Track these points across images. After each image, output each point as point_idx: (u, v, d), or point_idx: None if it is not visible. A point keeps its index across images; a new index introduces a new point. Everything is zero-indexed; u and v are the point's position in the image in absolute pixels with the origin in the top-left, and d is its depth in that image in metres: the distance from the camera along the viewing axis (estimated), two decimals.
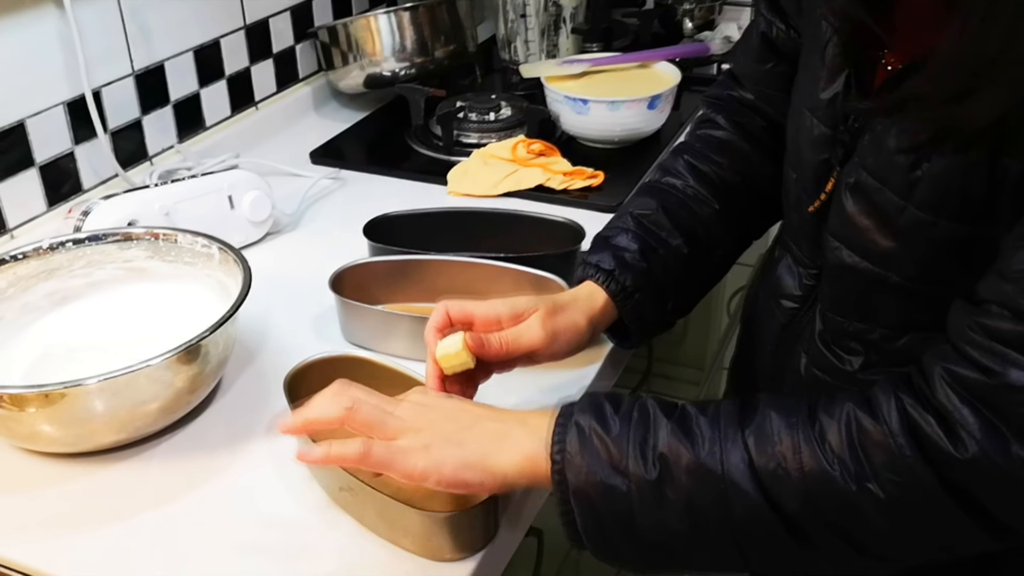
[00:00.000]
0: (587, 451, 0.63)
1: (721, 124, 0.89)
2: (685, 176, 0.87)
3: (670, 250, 0.83)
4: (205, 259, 0.93)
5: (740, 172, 0.87)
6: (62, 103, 1.11)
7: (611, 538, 0.64)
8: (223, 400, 0.89)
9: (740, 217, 0.88)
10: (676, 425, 0.63)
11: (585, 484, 0.63)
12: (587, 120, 1.30)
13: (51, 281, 0.94)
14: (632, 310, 0.82)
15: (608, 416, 0.64)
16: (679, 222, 0.84)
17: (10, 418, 0.76)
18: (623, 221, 0.86)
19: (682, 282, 0.85)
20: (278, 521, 0.75)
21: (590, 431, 0.64)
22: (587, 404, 0.66)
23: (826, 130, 0.71)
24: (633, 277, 0.81)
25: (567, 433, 0.64)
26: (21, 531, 0.75)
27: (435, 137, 1.38)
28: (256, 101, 1.41)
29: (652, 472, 0.62)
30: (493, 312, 0.76)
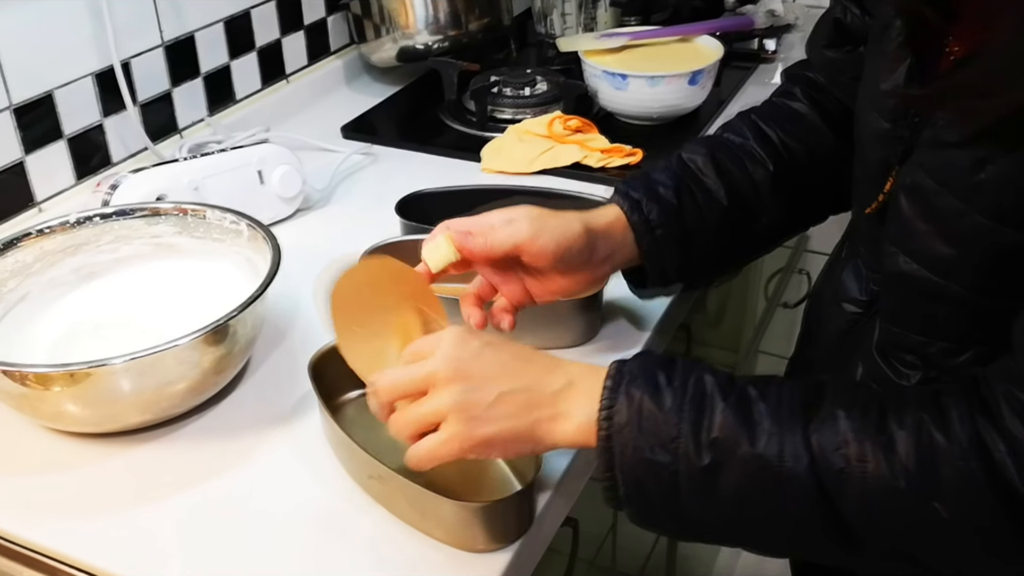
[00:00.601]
0: (637, 424, 0.60)
1: (798, 96, 0.85)
2: (746, 134, 0.83)
3: (708, 197, 0.80)
4: (234, 236, 0.91)
5: (808, 145, 0.83)
6: (91, 74, 1.09)
7: (653, 510, 0.62)
8: (251, 381, 0.87)
9: (796, 190, 0.83)
10: (734, 409, 0.59)
11: (632, 458, 0.60)
12: (626, 96, 1.26)
13: (78, 256, 0.92)
14: (651, 246, 0.78)
15: (662, 387, 0.60)
16: (725, 173, 0.80)
17: (35, 397, 0.75)
18: (668, 161, 0.82)
19: (714, 236, 0.80)
20: (306, 507, 0.73)
21: (641, 402, 0.60)
22: (639, 370, 0.62)
23: (886, 125, 0.66)
24: (660, 211, 0.77)
25: (616, 401, 0.61)
26: (46, 512, 0.73)
27: (468, 112, 1.34)
28: (287, 74, 1.38)
29: (705, 457, 0.58)
30: (486, 220, 0.74)
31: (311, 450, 0.78)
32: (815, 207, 0.87)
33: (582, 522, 0.84)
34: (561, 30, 1.56)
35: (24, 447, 0.79)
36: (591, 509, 0.85)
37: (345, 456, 0.75)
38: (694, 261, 0.80)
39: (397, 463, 0.74)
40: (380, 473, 0.70)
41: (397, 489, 0.70)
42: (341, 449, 0.75)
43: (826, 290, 0.81)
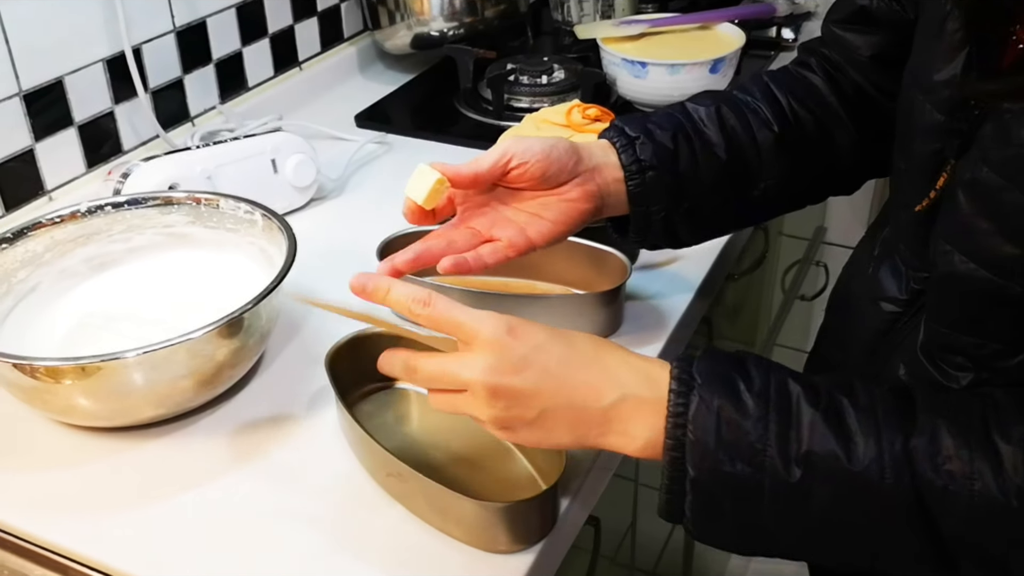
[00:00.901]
0: (715, 434, 0.55)
1: (813, 67, 0.81)
2: (755, 93, 0.80)
3: (707, 148, 0.76)
4: (248, 226, 0.89)
5: (818, 118, 0.79)
6: (101, 60, 1.07)
7: (722, 526, 0.58)
8: (265, 375, 0.85)
9: (799, 160, 0.79)
10: (825, 419, 0.55)
11: (708, 473, 0.56)
12: (645, 84, 1.23)
13: (89, 246, 0.90)
14: (639, 188, 0.74)
15: (742, 393, 0.56)
16: (728, 128, 0.77)
17: (45, 390, 0.73)
18: (671, 107, 0.79)
19: (707, 191, 0.76)
20: (321, 505, 0.71)
21: (720, 410, 0.55)
22: (712, 373, 0.57)
23: (940, 117, 0.63)
24: (653, 153, 0.74)
25: (688, 408, 0.56)
26: (57, 509, 0.72)
27: (484, 101, 1.32)
28: (300, 61, 1.36)
29: (794, 473, 0.54)
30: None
31: (327, 446, 0.77)
32: (815, 184, 0.83)
33: (605, 521, 0.82)
34: (578, 17, 1.53)
35: (34, 441, 0.78)
36: (611, 506, 0.83)
37: (363, 453, 0.73)
38: (681, 213, 0.77)
39: (417, 460, 0.73)
40: (399, 471, 0.68)
41: (417, 488, 0.68)
42: (359, 446, 0.74)
43: (856, 288, 0.78)
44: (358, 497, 0.72)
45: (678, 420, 0.56)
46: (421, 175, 0.70)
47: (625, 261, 0.88)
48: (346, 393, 0.77)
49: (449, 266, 0.70)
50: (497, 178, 0.72)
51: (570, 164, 0.72)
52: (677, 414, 0.56)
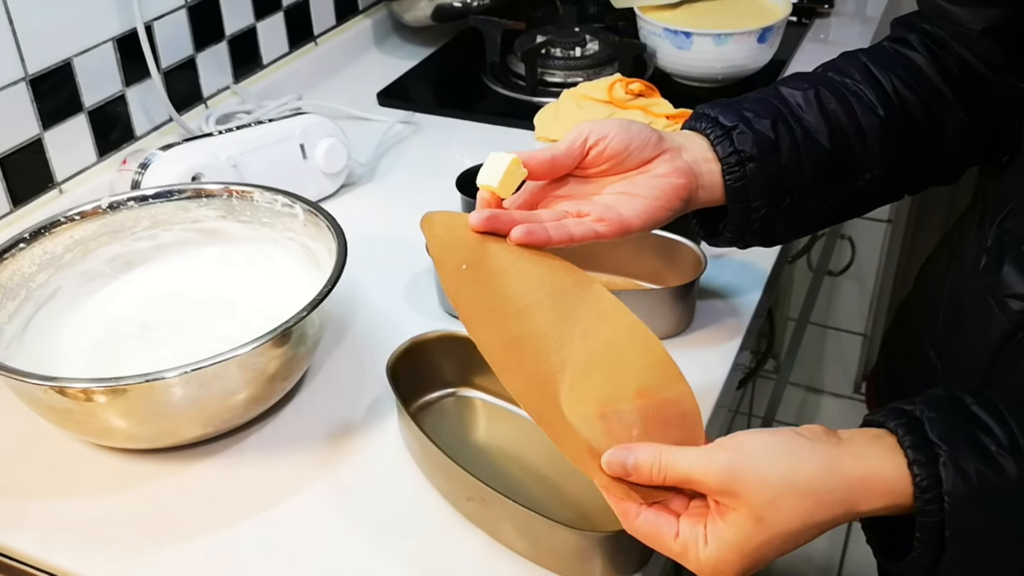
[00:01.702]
0: (977, 506, 0.49)
1: (913, 44, 0.73)
2: (855, 75, 0.72)
3: (808, 137, 0.68)
4: (287, 219, 0.82)
5: (923, 99, 0.71)
6: (111, 39, 0.98)
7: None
8: (314, 383, 0.78)
9: (907, 147, 0.72)
10: None
11: (968, 545, 0.50)
12: (689, 56, 1.16)
13: (113, 245, 0.82)
14: (738, 182, 0.67)
15: (994, 454, 0.50)
16: (830, 112, 0.69)
17: (81, 412, 0.66)
18: (764, 92, 0.71)
19: (810, 183, 0.69)
20: (395, 530, 0.65)
21: (979, 477, 0.49)
22: (953, 430, 0.51)
23: None
24: (753, 142, 0.66)
25: (942, 481, 0.49)
26: (99, 541, 0.65)
27: (514, 75, 1.24)
28: (315, 36, 1.28)
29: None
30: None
31: (393, 461, 0.70)
32: (920, 173, 0.75)
33: None
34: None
35: (69, 467, 0.71)
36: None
37: (438, 474, 0.67)
38: (782, 209, 0.69)
39: (491, 478, 0.66)
40: (483, 495, 0.62)
41: (504, 514, 0.62)
42: (433, 467, 0.67)
43: (966, 284, 0.71)
44: (436, 523, 0.65)
45: (929, 495, 0.50)
46: (493, 161, 0.63)
47: (699, 251, 0.81)
48: (406, 403, 0.71)
49: (522, 235, 0.62)
50: (577, 160, 0.64)
51: (652, 139, 0.65)
52: (927, 487, 0.50)
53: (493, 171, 0.63)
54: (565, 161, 0.64)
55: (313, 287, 0.77)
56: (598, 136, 0.64)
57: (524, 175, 0.63)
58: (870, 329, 1.99)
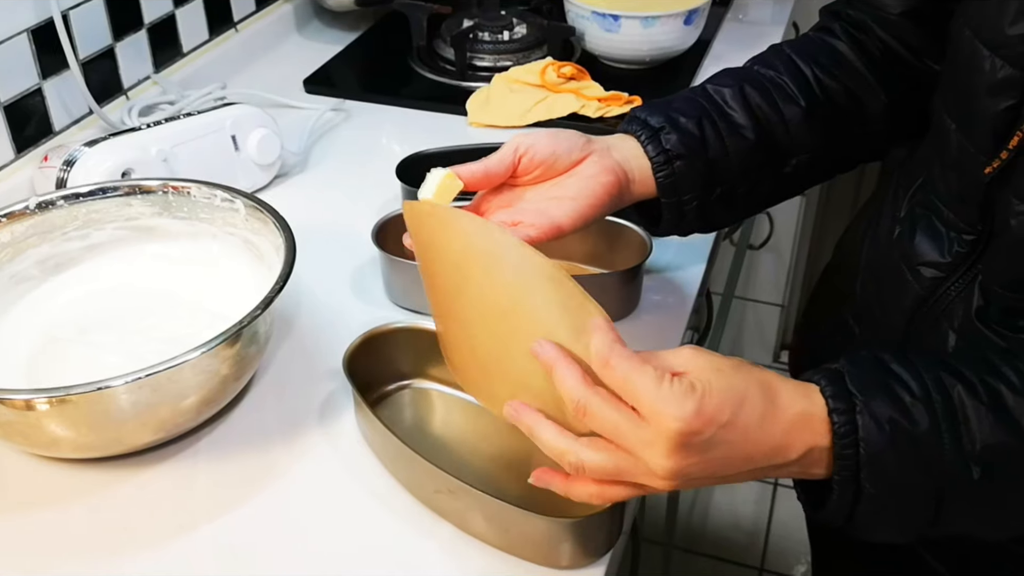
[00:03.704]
0: (891, 450, 0.52)
1: (836, 32, 0.77)
2: (778, 67, 0.76)
3: (732, 130, 0.73)
4: (227, 214, 0.80)
5: (846, 86, 0.76)
6: (26, 30, 0.94)
7: (887, 528, 0.56)
8: (264, 381, 0.77)
9: (830, 132, 0.76)
10: (993, 412, 0.53)
11: (886, 489, 0.53)
12: (617, 39, 1.17)
13: (43, 246, 0.79)
14: (668, 179, 0.71)
15: (907, 405, 0.53)
16: (753, 106, 0.74)
17: (24, 423, 0.63)
18: (691, 91, 0.76)
19: (738, 174, 0.74)
20: (360, 526, 0.64)
21: (891, 425, 0.53)
22: (871, 382, 0.54)
23: (1013, 72, 0.59)
24: (679, 141, 0.71)
25: (859, 427, 0.53)
26: (54, 555, 0.62)
27: (442, 60, 1.23)
28: (235, 22, 1.24)
29: (975, 471, 0.52)
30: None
31: (350, 456, 0.69)
32: (848, 154, 0.80)
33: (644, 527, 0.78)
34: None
35: (15, 480, 0.68)
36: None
37: (402, 468, 0.66)
38: (713, 201, 0.74)
39: (463, 471, 0.66)
40: (450, 487, 0.62)
41: (473, 504, 0.62)
42: (397, 461, 0.67)
43: (882, 254, 0.75)
44: (401, 517, 0.65)
45: (846, 440, 0.53)
46: (431, 177, 0.66)
47: (644, 235, 0.83)
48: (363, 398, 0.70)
49: None
50: (509, 170, 0.68)
51: (580, 142, 0.69)
52: (844, 434, 0.53)
53: (430, 186, 0.66)
54: (498, 171, 0.67)
55: (256, 282, 0.76)
56: (526, 146, 0.67)
57: (459, 187, 0.66)
58: (787, 300, 2.06)
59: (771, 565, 1.75)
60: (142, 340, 0.74)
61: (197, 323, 0.75)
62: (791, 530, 1.81)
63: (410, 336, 0.74)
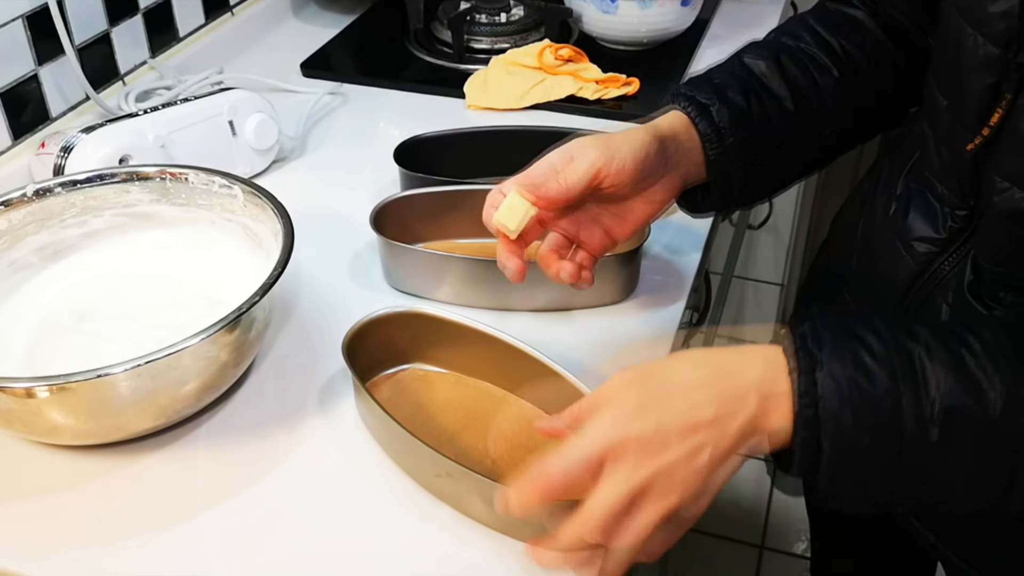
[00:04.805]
0: (848, 409, 0.52)
1: (854, 2, 0.78)
2: (806, 39, 0.76)
3: (775, 102, 0.73)
4: (225, 200, 0.80)
5: (868, 54, 0.76)
6: (21, 16, 0.93)
7: (851, 491, 0.55)
8: (264, 366, 0.77)
9: (858, 101, 0.77)
10: (953, 373, 0.53)
11: (845, 449, 0.53)
12: (614, 20, 1.16)
13: (41, 234, 0.79)
14: (720, 155, 0.70)
15: (867, 365, 0.53)
16: (791, 77, 0.74)
17: (25, 411, 0.64)
18: (728, 65, 0.75)
19: (778, 146, 0.74)
20: (360, 511, 0.65)
21: (850, 385, 0.52)
22: (833, 343, 0.54)
23: (995, 50, 0.60)
24: (729, 116, 0.70)
25: (818, 386, 0.53)
26: (56, 542, 0.63)
27: (439, 42, 1.23)
28: (231, 5, 1.24)
29: (932, 432, 0.52)
30: (545, 164, 0.66)
31: (350, 441, 0.70)
32: (871, 120, 0.81)
33: None
34: None
35: (16, 468, 0.68)
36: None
37: (402, 453, 0.67)
38: (757, 174, 0.74)
39: (463, 454, 0.67)
40: (450, 471, 0.62)
41: (472, 487, 0.62)
42: (397, 445, 0.67)
43: (878, 229, 0.75)
44: (400, 501, 0.65)
45: (806, 400, 0.53)
46: (512, 208, 0.65)
47: None
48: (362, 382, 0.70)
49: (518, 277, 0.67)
50: (587, 193, 0.66)
51: (660, 167, 0.68)
52: (804, 393, 0.53)
53: (511, 215, 0.65)
54: (577, 197, 0.66)
55: (255, 268, 0.76)
56: (609, 173, 0.65)
57: (534, 213, 0.66)
58: (787, 279, 2.06)
59: (771, 543, 1.76)
60: (141, 327, 0.74)
61: (196, 309, 0.75)
62: (791, 508, 1.82)
63: (408, 320, 0.74)
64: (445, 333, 0.74)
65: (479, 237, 0.87)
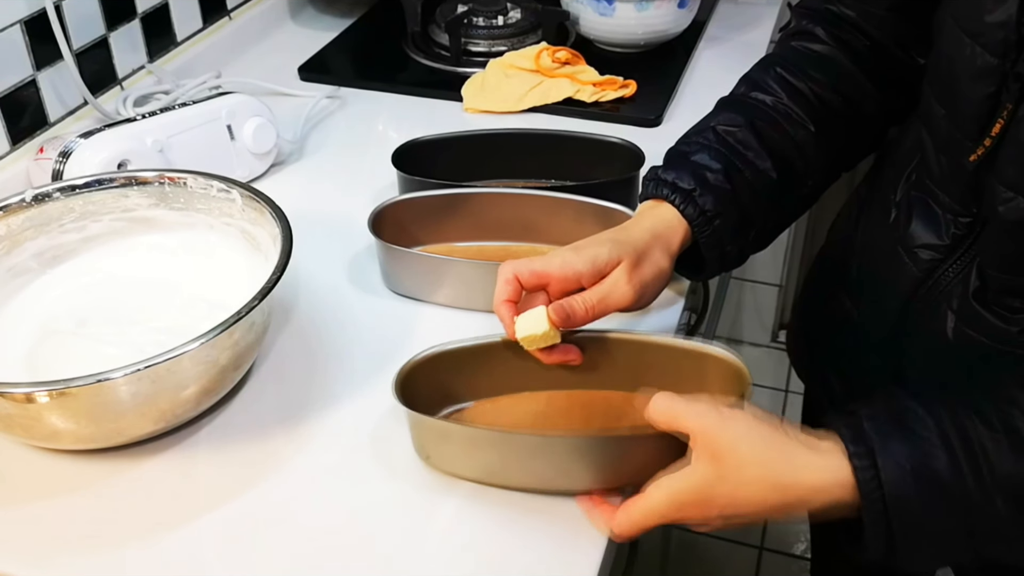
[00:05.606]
0: (914, 491, 0.54)
1: (820, 37, 0.77)
2: (777, 92, 0.76)
3: (757, 174, 0.73)
4: (223, 204, 0.80)
5: (840, 92, 0.76)
6: (19, 21, 0.94)
7: (928, 563, 0.58)
8: (263, 369, 0.77)
9: (837, 144, 0.77)
10: (1009, 440, 0.54)
11: (913, 529, 0.55)
12: (611, 22, 1.17)
13: (40, 239, 0.79)
14: (711, 237, 0.72)
15: (924, 442, 0.55)
16: (769, 143, 0.74)
17: (25, 416, 0.64)
18: (703, 136, 0.75)
19: (768, 211, 0.75)
20: (359, 513, 0.65)
21: (912, 464, 0.54)
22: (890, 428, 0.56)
23: (992, 60, 0.60)
24: (715, 200, 0.71)
25: (880, 471, 0.55)
26: (57, 546, 0.63)
27: (437, 45, 1.23)
28: (229, 10, 1.24)
29: (999, 503, 0.54)
30: (572, 271, 0.67)
31: (349, 444, 0.70)
32: (853, 155, 0.82)
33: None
34: None
35: (16, 472, 0.68)
36: None
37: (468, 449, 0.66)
38: (750, 240, 0.76)
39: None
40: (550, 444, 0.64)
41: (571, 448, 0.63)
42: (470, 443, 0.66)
43: (880, 236, 0.75)
44: (401, 505, 0.65)
45: (871, 485, 0.55)
46: (544, 337, 0.67)
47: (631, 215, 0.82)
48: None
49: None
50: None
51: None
52: (866, 479, 0.55)
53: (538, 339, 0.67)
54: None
55: (252, 271, 0.76)
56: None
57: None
58: (785, 280, 2.06)
59: (771, 544, 1.76)
60: (141, 331, 0.75)
61: (195, 313, 0.75)
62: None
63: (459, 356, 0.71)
64: (495, 360, 0.71)
65: (477, 240, 0.88)
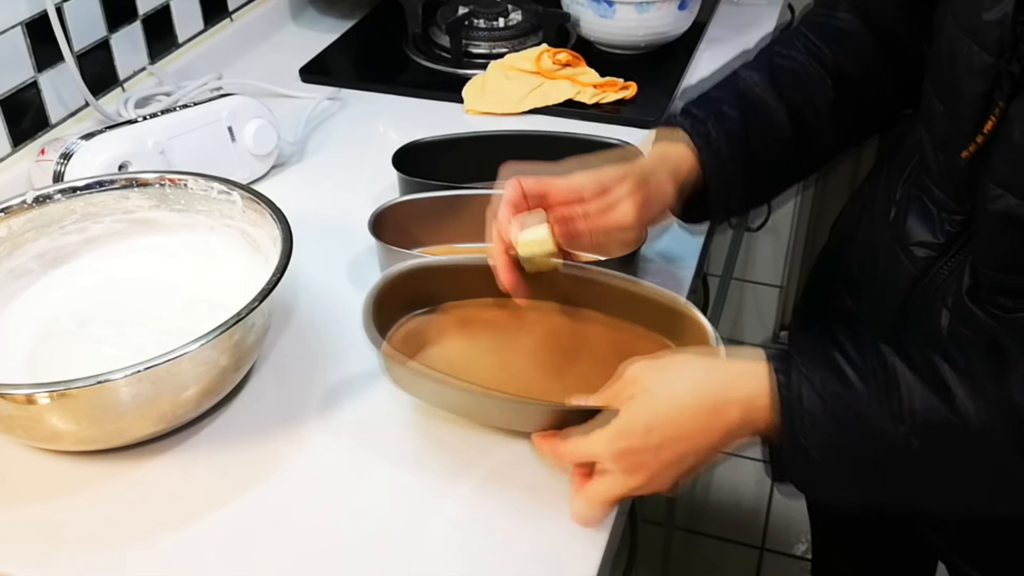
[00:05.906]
0: (830, 416, 0.57)
1: (843, 9, 0.79)
2: (802, 53, 0.78)
3: (773, 125, 0.75)
4: (224, 206, 0.80)
5: (861, 65, 0.78)
6: (20, 23, 0.94)
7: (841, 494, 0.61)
8: (263, 370, 0.77)
9: (852, 114, 0.79)
10: (928, 383, 0.56)
11: (827, 452, 0.58)
12: (612, 24, 1.17)
13: (41, 240, 0.80)
14: (721, 183, 0.74)
15: (846, 373, 0.57)
16: (789, 100, 0.76)
17: (26, 417, 0.64)
18: (726, 85, 0.78)
19: (776, 165, 0.77)
20: (360, 513, 0.65)
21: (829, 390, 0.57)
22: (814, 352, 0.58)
23: (989, 58, 0.60)
24: (730, 145, 0.73)
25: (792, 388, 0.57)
26: (58, 546, 0.63)
27: (438, 47, 1.23)
28: (230, 11, 1.24)
29: (913, 442, 0.56)
30: (575, 182, 0.68)
31: (350, 445, 0.70)
32: (866, 128, 0.83)
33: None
34: None
35: (16, 474, 0.68)
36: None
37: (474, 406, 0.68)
38: (755, 191, 0.78)
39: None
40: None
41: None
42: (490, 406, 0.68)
43: (877, 234, 0.76)
44: (402, 505, 0.66)
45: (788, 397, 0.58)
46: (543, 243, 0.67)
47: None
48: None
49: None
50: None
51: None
52: (786, 398, 0.58)
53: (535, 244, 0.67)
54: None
55: (252, 273, 0.76)
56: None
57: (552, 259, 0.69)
58: (786, 281, 2.06)
59: (772, 544, 1.76)
60: (141, 332, 0.75)
61: (195, 315, 0.75)
62: (791, 509, 1.82)
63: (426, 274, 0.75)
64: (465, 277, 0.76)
65: (477, 241, 0.87)
